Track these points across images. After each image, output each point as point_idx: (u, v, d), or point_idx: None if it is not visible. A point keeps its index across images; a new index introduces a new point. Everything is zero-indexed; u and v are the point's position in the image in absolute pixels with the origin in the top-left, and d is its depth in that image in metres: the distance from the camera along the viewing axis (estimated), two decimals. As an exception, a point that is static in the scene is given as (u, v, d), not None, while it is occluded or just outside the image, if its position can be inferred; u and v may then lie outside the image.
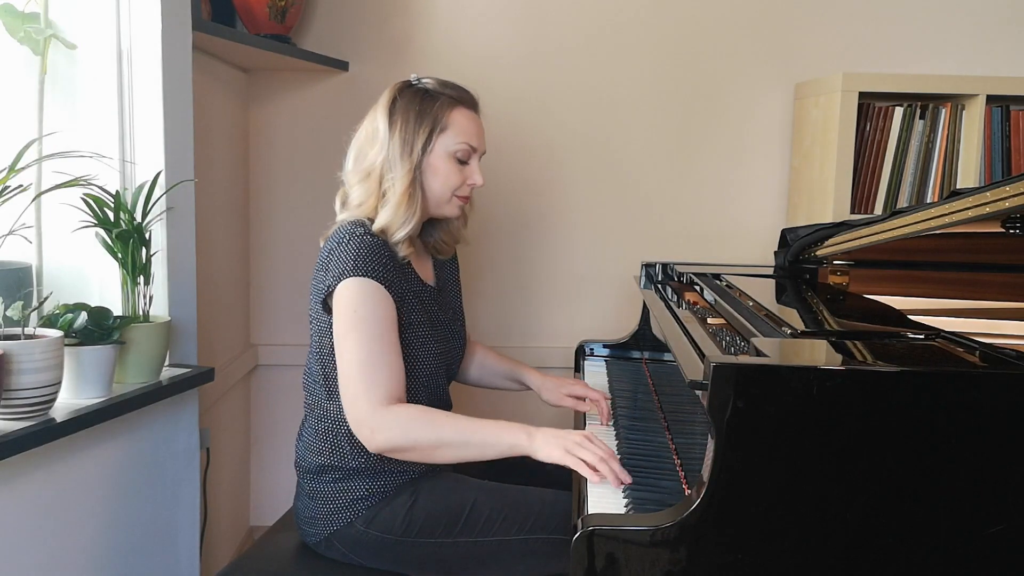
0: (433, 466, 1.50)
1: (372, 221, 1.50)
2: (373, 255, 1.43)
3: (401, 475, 1.49)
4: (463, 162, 1.54)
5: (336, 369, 1.47)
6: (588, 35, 2.36)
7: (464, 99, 1.55)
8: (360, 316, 1.40)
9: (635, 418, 1.63)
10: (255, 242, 2.42)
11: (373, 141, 1.52)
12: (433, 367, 1.54)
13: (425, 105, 1.51)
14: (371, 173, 1.51)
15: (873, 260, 1.73)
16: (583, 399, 1.69)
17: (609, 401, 1.68)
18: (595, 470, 1.29)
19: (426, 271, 1.62)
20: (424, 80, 1.55)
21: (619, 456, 1.37)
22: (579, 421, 1.69)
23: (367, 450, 1.44)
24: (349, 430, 1.45)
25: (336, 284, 1.42)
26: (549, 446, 1.34)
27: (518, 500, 1.48)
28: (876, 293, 1.69)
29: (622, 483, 1.29)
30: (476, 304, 2.43)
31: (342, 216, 1.53)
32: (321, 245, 1.53)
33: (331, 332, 1.46)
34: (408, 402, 1.43)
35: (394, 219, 1.48)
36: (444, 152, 1.51)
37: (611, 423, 1.62)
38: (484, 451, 1.38)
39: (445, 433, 1.38)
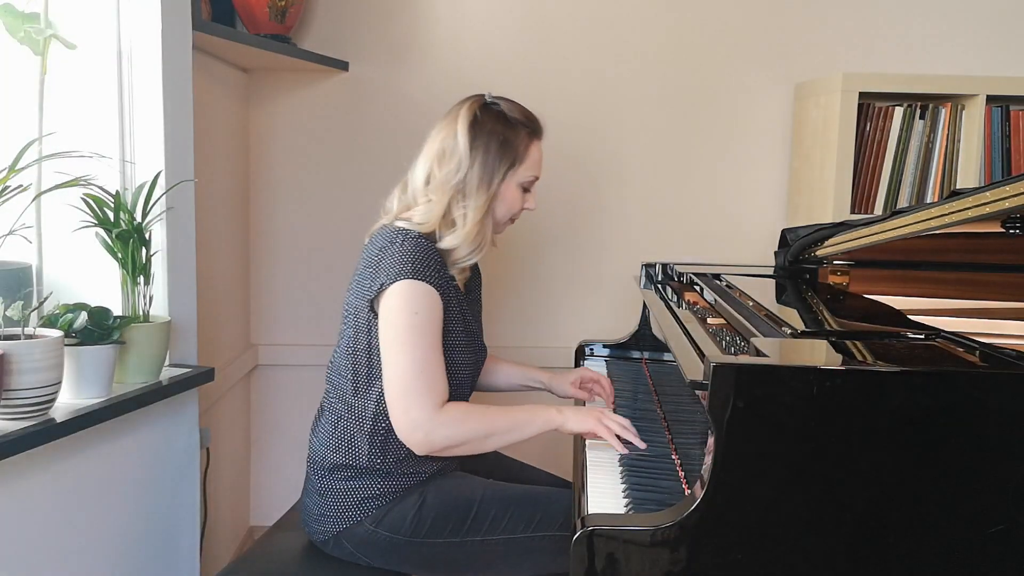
0: (443, 466, 1.54)
1: (429, 236, 1.51)
2: (428, 258, 1.46)
3: (413, 476, 1.51)
4: (526, 190, 1.59)
5: (366, 365, 1.49)
6: (588, 36, 2.36)
7: (538, 131, 1.59)
8: (420, 319, 1.42)
9: (635, 418, 1.63)
10: (255, 242, 2.42)
11: (449, 158, 1.52)
12: (464, 375, 1.57)
13: (508, 136, 1.53)
14: (441, 193, 1.51)
15: (873, 260, 1.73)
16: (590, 388, 1.79)
17: (610, 386, 1.78)
18: (620, 441, 1.43)
19: (460, 279, 1.64)
20: (499, 102, 1.57)
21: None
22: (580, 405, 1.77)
23: (384, 450, 1.47)
24: (371, 429, 1.47)
25: (390, 284, 1.43)
26: (580, 416, 1.46)
27: (523, 498, 1.51)
28: (876, 293, 1.68)
29: (638, 448, 1.43)
30: (476, 304, 2.43)
31: (400, 224, 1.53)
32: (366, 242, 1.56)
33: (370, 329, 1.47)
34: None
35: (462, 246, 1.52)
36: (515, 183, 1.56)
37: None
38: (525, 431, 1.46)
39: (493, 423, 1.45)
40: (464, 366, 1.55)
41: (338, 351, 1.56)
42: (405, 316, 1.42)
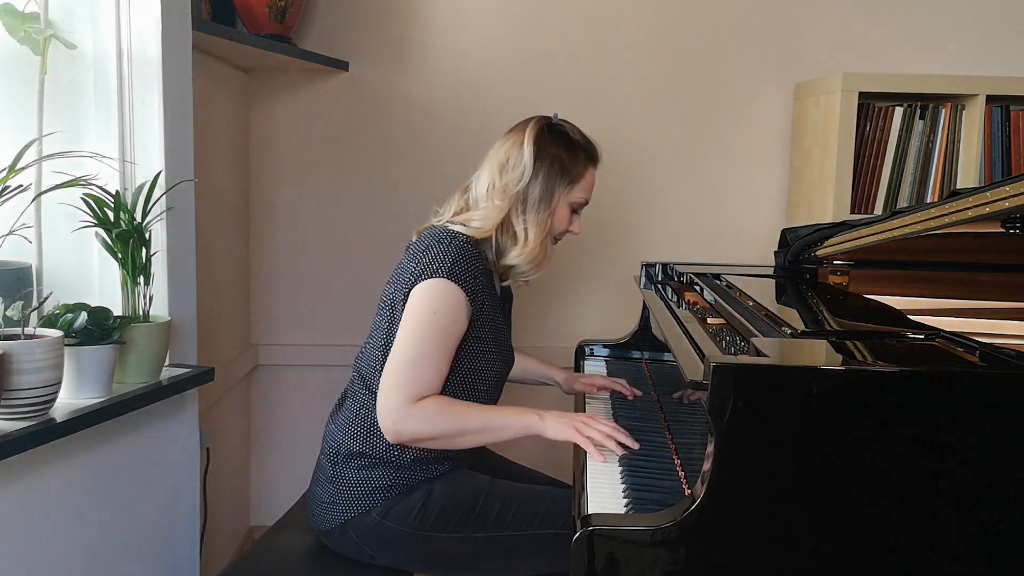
0: (455, 465, 1.55)
1: (479, 243, 1.54)
2: (469, 263, 1.48)
3: (425, 472, 1.52)
4: (575, 212, 1.63)
5: None
6: (587, 36, 2.36)
7: (595, 157, 1.64)
8: (438, 317, 1.44)
9: (635, 418, 1.63)
10: (255, 242, 2.42)
11: (514, 167, 1.56)
12: (492, 380, 1.58)
13: (569, 156, 1.58)
14: (502, 199, 1.55)
15: (873, 260, 1.73)
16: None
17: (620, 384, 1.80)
18: (600, 449, 1.39)
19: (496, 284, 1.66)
20: (564, 124, 1.63)
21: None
22: (579, 406, 1.77)
23: (405, 445, 1.48)
24: None
25: (425, 279, 1.46)
26: (559, 425, 1.44)
27: (528, 496, 1.52)
28: (876, 293, 1.68)
29: (630, 449, 1.39)
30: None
31: (454, 227, 1.55)
32: (413, 240, 1.59)
33: (400, 321, 1.49)
34: None
35: (523, 263, 1.57)
36: (567, 202, 1.60)
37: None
38: (501, 434, 1.47)
39: (466, 422, 1.45)
40: (492, 373, 1.57)
41: (370, 342, 1.58)
42: (424, 311, 1.45)
